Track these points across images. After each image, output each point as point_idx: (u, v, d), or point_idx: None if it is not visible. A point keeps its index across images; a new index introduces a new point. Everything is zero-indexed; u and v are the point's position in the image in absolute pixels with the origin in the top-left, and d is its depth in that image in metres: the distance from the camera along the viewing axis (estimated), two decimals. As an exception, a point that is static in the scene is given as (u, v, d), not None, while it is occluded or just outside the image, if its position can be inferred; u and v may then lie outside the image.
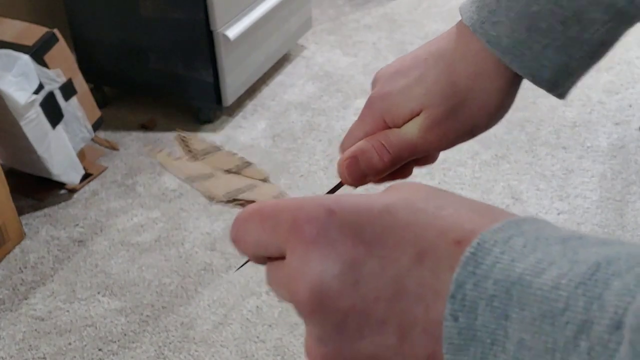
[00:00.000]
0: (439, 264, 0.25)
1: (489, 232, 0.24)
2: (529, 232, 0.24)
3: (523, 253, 0.23)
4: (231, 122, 2.41)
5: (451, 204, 0.27)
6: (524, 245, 0.24)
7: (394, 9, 3.13)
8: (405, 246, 0.26)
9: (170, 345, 1.63)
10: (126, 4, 2.26)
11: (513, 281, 0.23)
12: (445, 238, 0.26)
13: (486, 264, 0.23)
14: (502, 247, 0.24)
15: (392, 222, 0.27)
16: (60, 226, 1.99)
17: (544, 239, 0.24)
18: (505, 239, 0.24)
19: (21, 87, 1.82)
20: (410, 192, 0.28)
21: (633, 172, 2.09)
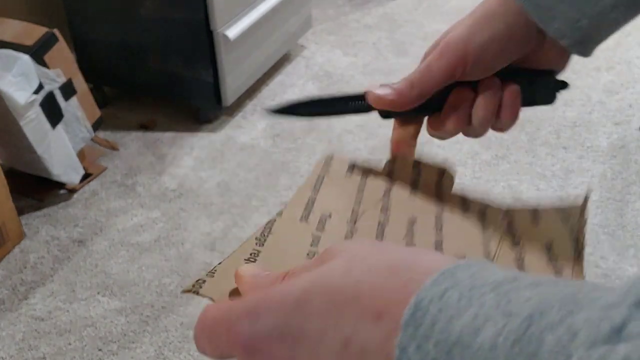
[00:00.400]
0: (366, 345, 0.25)
1: (424, 288, 0.24)
2: (462, 281, 0.24)
3: (459, 309, 0.23)
4: (231, 122, 2.41)
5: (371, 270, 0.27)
6: (459, 300, 0.23)
7: (394, 9, 3.13)
8: (329, 334, 0.26)
9: (170, 346, 1.63)
10: (126, 4, 2.26)
11: (453, 342, 0.23)
12: (365, 316, 0.25)
13: (425, 324, 0.23)
14: (438, 304, 0.24)
15: (309, 311, 0.27)
16: (60, 226, 1.99)
17: (478, 288, 0.24)
18: (440, 294, 0.24)
19: (21, 87, 1.82)
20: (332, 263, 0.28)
21: (633, 172, 2.09)
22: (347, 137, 2.28)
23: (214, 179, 2.15)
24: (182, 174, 2.18)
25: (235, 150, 2.27)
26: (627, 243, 1.84)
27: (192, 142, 2.32)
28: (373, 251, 0.28)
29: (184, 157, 2.25)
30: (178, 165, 2.22)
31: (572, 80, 2.26)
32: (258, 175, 2.15)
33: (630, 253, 1.81)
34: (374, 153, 2.20)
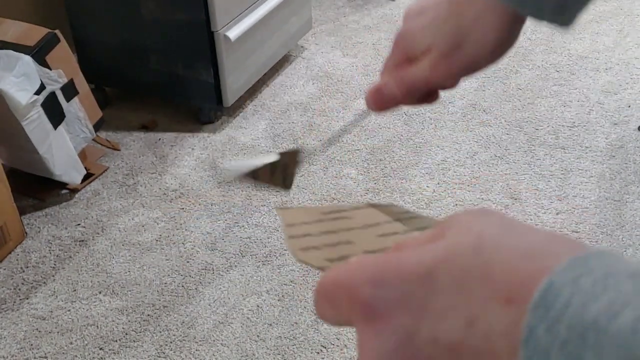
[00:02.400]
0: (490, 328, 0.25)
1: (556, 273, 0.24)
2: (596, 269, 0.23)
3: (594, 293, 0.22)
4: (232, 122, 2.42)
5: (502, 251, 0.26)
6: (593, 285, 0.23)
7: (393, 10, 3.14)
8: (454, 312, 0.26)
9: (171, 345, 1.64)
10: (127, 5, 2.27)
11: (588, 325, 0.22)
12: (494, 299, 0.25)
13: (557, 307, 0.23)
14: (572, 288, 0.23)
15: (436, 288, 0.26)
16: (62, 226, 2.00)
17: (614, 276, 0.23)
18: (574, 279, 0.23)
19: (23, 87, 1.83)
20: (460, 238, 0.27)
21: (632, 172, 2.10)
22: (347, 137, 2.29)
23: (214, 179, 2.15)
24: (183, 174, 2.19)
25: (236, 150, 2.28)
26: (625, 243, 1.85)
27: (193, 143, 2.33)
28: (504, 230, 0.27)
29: (185, 157, 2.26)
30: (179, 165, 2.23)
31: (571, 81, 2.29)
32: (258, 175, 2.16)
33: (629, 253, 1.82)
34: (374, 153, 2.21)
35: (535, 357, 0.23)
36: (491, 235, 0.27)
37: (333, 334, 1.64)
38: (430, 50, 0.48)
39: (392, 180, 2.11)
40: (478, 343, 0.25)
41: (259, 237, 1.92)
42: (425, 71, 0.49)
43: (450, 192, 2.05)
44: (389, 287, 0.27)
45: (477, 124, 2.35)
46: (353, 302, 0.28)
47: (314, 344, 1.62)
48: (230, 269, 1.83)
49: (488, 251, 0.26)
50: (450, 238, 0.28)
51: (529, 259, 0.25)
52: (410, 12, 0.51)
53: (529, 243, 0.26)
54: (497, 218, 0.28)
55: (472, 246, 0.27)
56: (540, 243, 0.26)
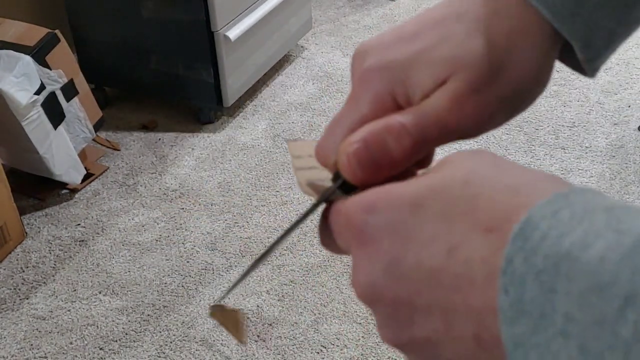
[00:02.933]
0: (469, 255, 0.26)
1: (536, 206, 0.25)
2: (575, 203, 0.25)
3: (570, 226, 0.24)
4: (232, 122, 2.42)
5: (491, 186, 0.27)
6: (570, 218, 0.24)
7: (393, 10, 3.14)
8: (437, 240, 0.27)
9: (171, 345, 1.64)
10: (127, 5, 2.27)
11: (561, 256, 0.23)
12: (475, 229, 0.26)
13: (534, 238, 0.24)
14: (550, 221, 0.24)
15: (424, 216, 0.28)
16: (62, 226, 2.00)
17: (590, 209, 0.24)
18: (553, 212, 0.24)
19: (23, 87, 1.83)
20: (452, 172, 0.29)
21: (632, 172, 2.10)
22: (347, 138, 2.29)
23: (214, 179, 2.16)
24: (183, 174, 2.19)
25: (236, 150, 2.28)
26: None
27: (193, 142, 2.33)
28: (495, 167, 0.28)
29: (185, 157, 2.26)
30: (179, 165, 2.23)
31: (571, 81, 2.30)
32: (259, 175, 2.16)
33: (628, 253, 1.82)
34: (374, 153, 2.21)
35: (511, 286, 0.24)
36: (482, 170, 0.28)
37: (333, 334, 1.64)
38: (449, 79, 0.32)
39: (392, 180, 2.11)
40: (457, 269, 0.26)
41: (259, 237, 1.92)
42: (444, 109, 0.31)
43: (450, 192, 2.05)
44: (380, 214, 0.29)
45: (477, 124, 2.35)
46: (349, 227, 0.30)
47: (314, 344, 1.62)
48: (230, 269, 1.83)
49: (476, 185, 0.28)
50: (443, 172, 0.29)
51: (514, 193, 0.26)
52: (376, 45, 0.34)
53: (516, 179, 0.27)
54: (489, 157, 0.29)
55: (462, 179, 0.28)
56: (527, 180, 0.27)
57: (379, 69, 0.33)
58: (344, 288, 1.76)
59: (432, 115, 0.32)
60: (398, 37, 0.33)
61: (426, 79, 0.32)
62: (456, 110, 0.32)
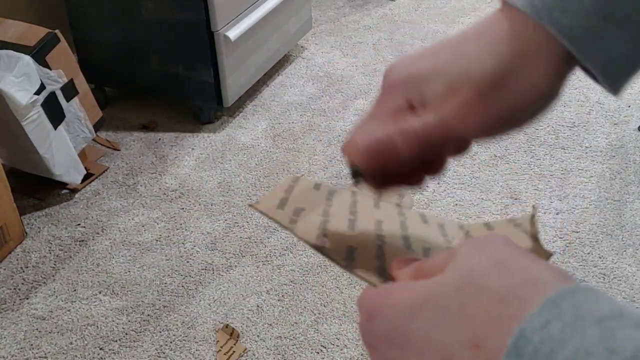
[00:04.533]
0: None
1: (527, 318, 0.25)
2: (567, 312, 0.24)
3: (561, 340, 0.23)
4: (232, 122, 2.42)
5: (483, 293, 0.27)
6: (561, 330, 0.24)
7: (393, 10, 3.14)
8: (432, 349, 0.28)
9: (171, 345, 1.64)
10: (127, 5, 2.27)
11: None
12: (463, 344, 0.27)
13: (527, 353, 0.24)
14: (541, 334, 0.24)
15: (416, 323, 0.29)
16: (62, 226, 2.00)
17: (582, 321, 0.24)
18: (544, 324, 0.24)
19: (23, 87, 1.83)
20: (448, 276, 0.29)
21: (632, 172, 2.10)
22: (347, 138, 2.29)
23: (214, 179, 2.16)
24: (183, 174, 2.19)
25: (236, 150, 2.28)
26: (625, 243, 1.85)
27: (193, 142, 2.33)
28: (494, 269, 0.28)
29: (185, 157, 2.26)
30: (179, 165, 2.23)
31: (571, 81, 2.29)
32: (259, 175, 2.16)
33: (628, 253, 1.82)
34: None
35: None
36: (478, 273, 0.28)
37: (333, 334, 1.64)
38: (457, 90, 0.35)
39: (392, 180, 2.11)
40: None
41: (259, 237, 1.92)
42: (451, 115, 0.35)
43: (450, 192, 2.05)
44: (378, 323, 0.31)
45: (477, 124, 2.35)
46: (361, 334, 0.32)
47: (314, 344, 1.62)
48: (230, 269, 1.83)
49: (467, 292, 0.28)
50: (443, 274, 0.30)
51: (504, 302, 0.26)
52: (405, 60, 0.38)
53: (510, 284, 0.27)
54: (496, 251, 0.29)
55: (455, 286, 0.28)
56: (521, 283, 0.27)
57: (401, 80, 0.37)
58: (344, 288, 1.76)
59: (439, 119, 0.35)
60: (421, 54, 0.38)
61: (439, 89, 0.35)
62: (461, 116, 0.35)
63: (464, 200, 2.02)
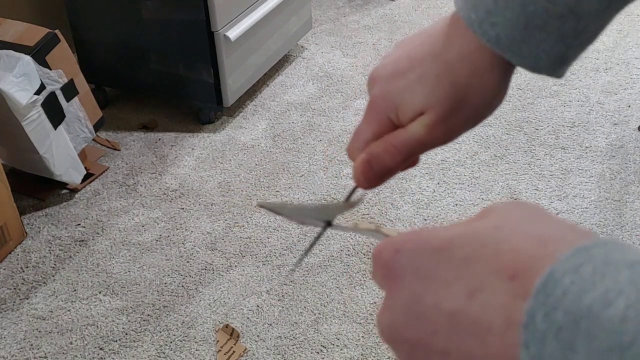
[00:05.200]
0: (491, 301, 0.27)
1: (559, 261, 0.25)
2: (597, 257, 0.25)
3: (592, 282, 0.24)
4: (232, 122, 2.42)
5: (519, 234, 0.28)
6: (592, 273, 0.24)
7: (393, 10, 3.14)
8: (459, 282, 0.28)
9: (171, 345, 1.64)
10: (127, 5, 2.27)
11: (582, 312, 0.23)
12: (498, 274, 0.27)
13: (556, 294, 0.24)
14: (572, 276, 0.24)
15: (448, 258, 0.29)
16: (62, 226, 2.00)
17: (613, 265, 0.24)
18: (575, 267, 0.25)
19: (23, 87, 1.83)
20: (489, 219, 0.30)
21: (632, 172, 2.10)
22: (347, 138, 2.29)
23: (214, 179, 2.16)
24: (183, 174, 2.19)
25: (236, 150, 2.28)
26: (625, 243, 1.85)
27: (193, 142, 2.33)
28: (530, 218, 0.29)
29: (185, 157, 2.26)
30: (179, 165, 2.23)
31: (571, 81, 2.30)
32: (259, 175, 2.16)
33: (628, 253, 1.82)
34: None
35: (532, 341, 0.24)
36: (515, 219, 0.29)
37: (333, 334, 1.64)
38: (425, 112, 0.43)
39: (392, 180, 2.10)
40: (476, 313, 0.27)
41: (259, 237, 1.92)
42: (421, 134, 0.44)
43: (450, 192, 2.05)
44: (406, 253, 0.31)
45: (477, 124, 2.35)
46: (378, 264, 0.32)
47: (314, 344, 1.62)
48: (230, 269, 1.83)
49: (505, 231, 0.28)
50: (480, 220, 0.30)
51: (540, 244, 0.27)
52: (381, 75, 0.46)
53: (546, 230, 0.28)
54: (529, 209, 0.30)
55: (492, 225, 0.29)
56: (557, 231, 0.28)
57: (381, 98, 0.46)
58: (344, 288, 1.76)
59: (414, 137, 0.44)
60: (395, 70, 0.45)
61: (410, 110, 0.44)
62: (430, 134, 0.44)
63: (464, 200, 2.02)
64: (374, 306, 1.70)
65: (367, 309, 1.70)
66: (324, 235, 0.40)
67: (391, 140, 0.45)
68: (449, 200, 2.02)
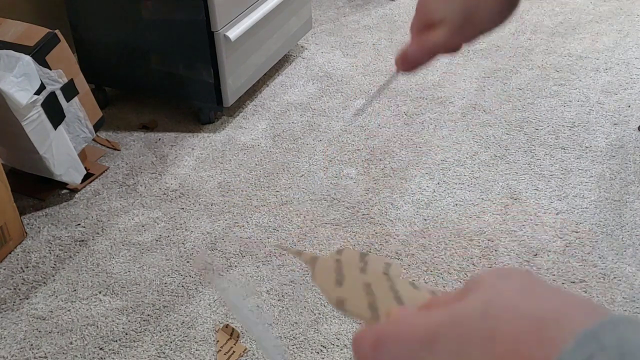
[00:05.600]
0: None
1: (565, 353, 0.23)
2: (609, 346, 0.22)
3: None
4: (232, 122, 2.42)
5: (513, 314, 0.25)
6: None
7: (393, 10, 3.14)
8: None
9: (171, 345, 1.64)
10: (127, 5, 2.27)
11: None
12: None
13: None
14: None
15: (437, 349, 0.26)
16: (62, 226, 2.00)
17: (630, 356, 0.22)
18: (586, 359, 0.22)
19: (23, 87, 1.83)
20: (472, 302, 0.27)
21: (631, 172, 2.10)
22: (347, 138, 2.29)
23: (214, 179, 2.16)
24: (183, 174, 2.19)
25: (236, 150, 2.28)
26: (625, 243, 1.85)
27: (193, 142, 2.33)
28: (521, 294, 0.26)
29: (185, 157, 2.26)
30: (179, 165, 2.23)
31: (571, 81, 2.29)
32: (259, 175, 2.16)
33: (628, 253, 1.82)
34: (374, 153, 2.21)
35: None
36: (504, 299, 0.26)
37: (333, 334, 1.64)
38: (445, 22, 0.55)
39: (392, 180, 2.11)
40: None
41: (259, 237, 1.92)
42: (443, 39, 0.55)
43: (450, 192, 2.05)
44: (386, 349, 0.28)
45: (477, 124, 2.35)
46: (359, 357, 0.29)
47: (314, 344, 1.62)
48: (230, 269, 1.83)
49: (496, 316, 0.25)
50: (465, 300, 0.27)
51: (538, 327, 0.24)
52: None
53: (542, 306, 0.25)
54: (519, 279, 0.27)
55: (480, 310, 0.26)
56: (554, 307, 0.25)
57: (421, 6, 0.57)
58: (344, 288, 1.76)
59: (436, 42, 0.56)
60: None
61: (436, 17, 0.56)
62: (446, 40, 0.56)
63: (464, 200, 2.02)
64: (374, 306, 1.70)
65: None
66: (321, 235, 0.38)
67: (422, 42, 0.57)
68: (449, 200, 2.02)
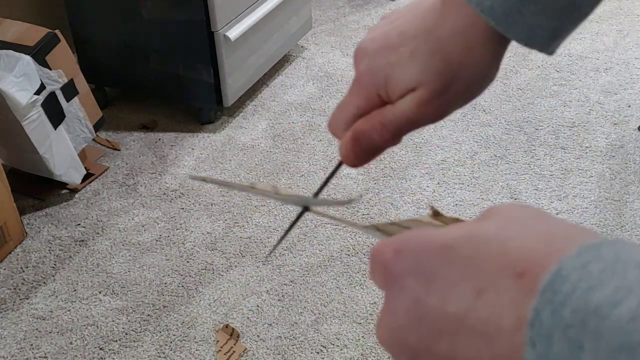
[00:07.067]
0: (498, 299, 0.26)
1: (567, 257, 0.25)
2: (607, 255, 0.24)
3: (601, 280, 0.23)
4: (232, 122, 2.42)
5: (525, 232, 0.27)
6: (601, 271, 0.23)
7: (393, 10, 3.14)
8: (464, 282, 0.27)
9: (171, 345, 1.64)
10: (127, 5, 2.27)
11: (589, 311, 0.23)
12: (505, 272, 0.26)
13: (563, 291, 0.24)
14: (580, 273, 0.24)
15: (452, 257, 0.28)
16: (62, 226, 2.00)
17: (622, 263, 0.24)
18: (583, 264, 0.24)
19: (23, 87, 1.83)
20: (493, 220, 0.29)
21: (631, 172, 2.10)
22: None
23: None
24: (183, 174, 2.19)
25: (236, 150, 2.28)
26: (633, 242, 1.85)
27: (193, 143, 2.33)
28: (534, 216, 0.29)
29: (185, 157, 2.26)
30: (179, 165, 2.23)
31: (571, 81, 2.30)
32: (259, 175, 2.16)
33: (628, 253, 1.82)
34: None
35: (538, 339, 0.24)
36: (519, 219, 0.28)
37: (333, 334, 1.64)
38: (416, 89, 0.42)
39: (392, 180, 2.11)
40: (484, 313, 0.26)
41: (259, 237, 1.92)
42: (412, 111, 0.42)
43: (450, 192, 2.05)
44: (405, 256, 0.29)
45: (477, 124, 2.35)
46: (378, 266, 0.31)
47: (314, 344, 1.62)
48: (230, 269, 1.83)
49: (510, 230, 0.28)
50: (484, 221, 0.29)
51: (546, 241, 0.26)
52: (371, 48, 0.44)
53: (552, 228, 0.27)
54: (532, 209, 0.29)
55: (498, 225, 0.28)
56: (562, 230, 0.27)
57: (369, 73, 0.43)
58: (344, 288, 1.76)
59: (404, 115, 0.42)
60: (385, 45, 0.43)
61: (400, 86, 0.42)
62: (420, 111, 0.42)
63: (464, 200, 2.02)
64: (374, 306, 1.70)
65: (367, 309, 1.70)
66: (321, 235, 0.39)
67: (379, 117, 0.43)
68: (449, 200, 2.02)
